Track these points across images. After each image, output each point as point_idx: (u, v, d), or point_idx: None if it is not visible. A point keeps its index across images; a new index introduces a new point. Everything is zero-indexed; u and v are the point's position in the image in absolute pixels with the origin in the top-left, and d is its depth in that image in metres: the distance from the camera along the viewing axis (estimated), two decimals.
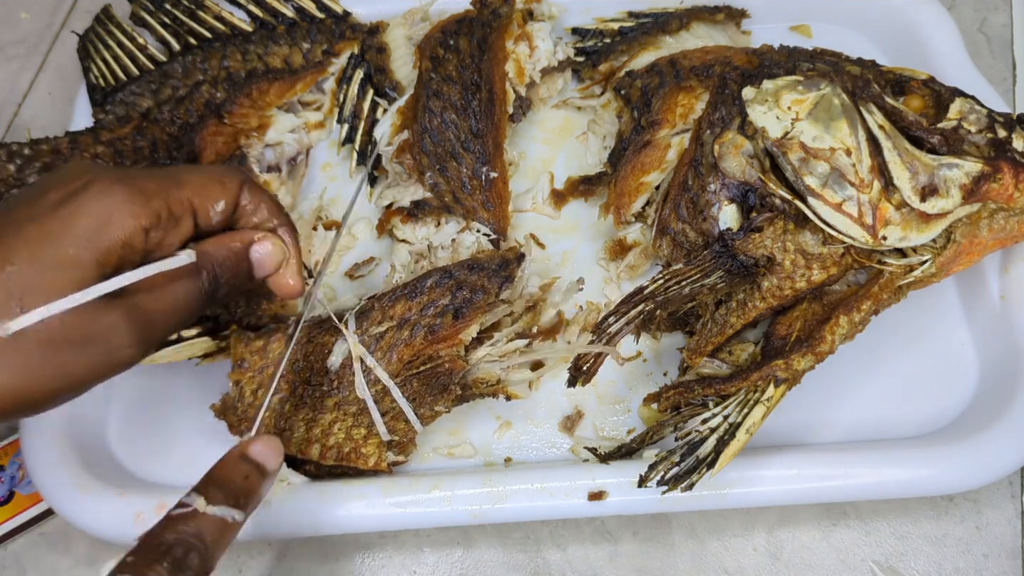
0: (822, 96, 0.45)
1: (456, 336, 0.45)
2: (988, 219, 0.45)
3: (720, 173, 0.46)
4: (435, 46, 0.57)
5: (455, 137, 0.53)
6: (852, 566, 0.47)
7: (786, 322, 0.46)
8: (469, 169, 0.53)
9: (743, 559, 0.47)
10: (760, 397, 0.43)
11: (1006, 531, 0.47)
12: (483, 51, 0.56)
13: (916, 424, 0.49)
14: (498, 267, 0.47)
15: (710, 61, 0.52)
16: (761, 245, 0.45)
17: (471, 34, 0.57)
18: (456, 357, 0.46)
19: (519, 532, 0.48)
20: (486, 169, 0.53)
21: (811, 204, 0.44)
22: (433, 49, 0.57)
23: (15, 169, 0.54)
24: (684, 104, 0.51)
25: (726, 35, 0.60)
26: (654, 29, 0.58)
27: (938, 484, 0.45)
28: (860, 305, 0.44)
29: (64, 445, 0.47)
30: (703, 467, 0.42)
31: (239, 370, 0.47)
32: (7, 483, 0.50)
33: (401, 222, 0.53)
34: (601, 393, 0.51)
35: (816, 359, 0.44)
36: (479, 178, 0.53)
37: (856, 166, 0.43)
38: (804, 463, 0.45)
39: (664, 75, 0.53)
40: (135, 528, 0.45)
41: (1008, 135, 0.45)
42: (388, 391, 0.45)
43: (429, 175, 0.53)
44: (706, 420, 0.44)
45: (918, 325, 0.51)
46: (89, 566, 0.49)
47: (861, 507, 0.48)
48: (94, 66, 0.60)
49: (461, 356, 0.46)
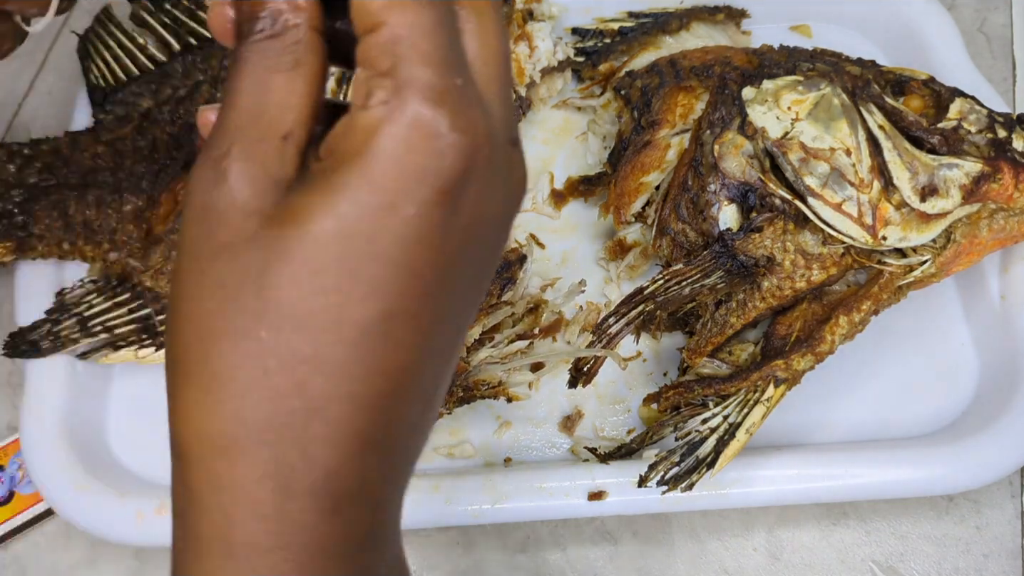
0: (822, 96, 0.45)
1: None
2: (988, 219, 0.45)
3: (720, 173, 0.46)
4: None
5: None
6: (852, 566, 0.47)
7: (786, 322, 0.46)
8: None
9: (743, 559, 0.47)
10: (760, 397, 0.43)
11: (1006, 531, 0.47)
12: None
13: (916, 424, 0.49)
14: (500, 269, 0.47)
15: (710, 61, 0.52)
16: (761, 245, 0.45)
17: None
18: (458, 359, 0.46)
19: (519, 532, 0.48)
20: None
21: (811, 204, 0.44)
22: None
23: (15, 169, 0.54)
24: (684, 104, 0.51)
25: (726, 35, 0.60)
26: (654, 29, 0.58)
27: (938, 484, 0.45)
28: (860, 305, 0.44)
29: (64, 445, 0.47)
30: (703, 467, 0.42)
31: None
32: (7, 483, 0.50)
33: None
34: (601, 393, 0.51)
35: (816, 359, 0.44)
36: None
37: (856, 166, 0.43)
38: (804, 463, 0.45)
39: (664, 75, 0.53)
40: (135, 528, 0.45)
41: (1008, 135, 0.45)
42: None
43: None
44: (706, 420, 0.44)
45: (918, 325, 0.51)
46: (89, 566, 0.49)
47: (861, 507, 0.48)
48: (94, 66, 0.60)
49: (463, 358, 0.46)
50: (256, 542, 0.22)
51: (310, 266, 0.21)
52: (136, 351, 0.48)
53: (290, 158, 0.22)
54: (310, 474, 0.22)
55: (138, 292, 0.50)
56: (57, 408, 0.48)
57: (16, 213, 0.49)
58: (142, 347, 0.48)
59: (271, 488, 0.21)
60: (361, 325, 0.21)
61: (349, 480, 0.22)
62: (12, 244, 0.49)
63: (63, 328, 0.49)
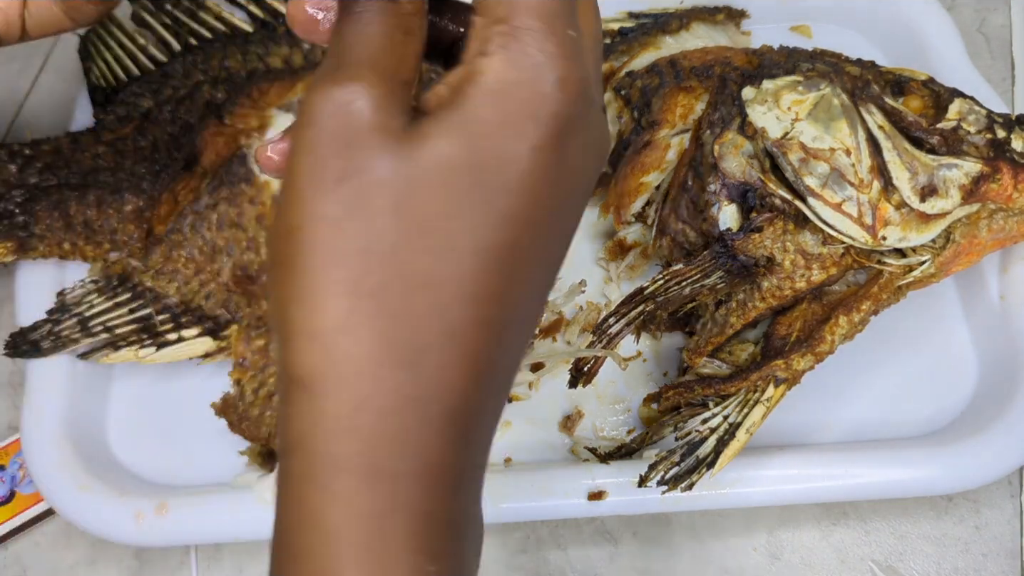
0: (822, 96, 0.45)
1: None
2: (987, 219, 0.45)
3: (720, 173, 0.46)
4: None
5: None
6: (852, 566, 0.47)
7: (786, 322, 0.46)
8: None
9: (743, 559, 0.47)
10: (760, 397, 0.43)
11: (1005, 531, 0.47)
12: None
13: (916, 424, 0.49)
14: None
15: (710, 61, 0.52)
16: (761, 245, 0.45)
17: None
18: None
19: (519, 532, 0.48)
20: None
21: (811, 204, 0.44)
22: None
23: (16, 169, 0.54)
24: (684, 104, 0.51)
25: (726, 35, 0.60)
26: (654, 29, 0.58)
27: (938, 484, 0.45)
28: (860, 305, 0.45)
29: (65, 445, 0.47)
30: (703, 467, 0.42)
31: (240, 368, 0.47)
32: (8, 483, 0.50)
33: None
34: (601, 393, 0.51)
35: (816, 359, 0.44)
36: None
37: (856, 166, 0.43)
38: (804, 463, 0.45)
39: (664, 75, 0.53)
40: (135, 528, 0.45)
41: (1007, 135, 0.45)
42: None
43: None
44: (706, 420, 0.44)
45: (918, 325, 0.51)
46: (89, 566, 0.49)
47: (861, 507, 0.48)
48: (95, 66, 0.60)
49: None
50: (395, 469, 0.22)
51: (447, 188, 0.22)
52: (136, 351, 0.48)
53: (409, 101, 0.23)
54: (442, 401, 0.22)
55: (139, 292, 0.50)
56: (58, 408, 0.48)
57: (17, 213, 0.49)
58: (142, 347, 0.48)
59: (411, 412, 0.22)
60: (491, 251, 0.22)
61: (471, 406, 0.23)
62: (13, 244, 0.49)
63: (64, 328, 0.49)
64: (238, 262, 0.51)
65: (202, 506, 0.45)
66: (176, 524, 0.45)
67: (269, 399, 0.46)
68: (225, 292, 0.50)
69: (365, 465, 0.22)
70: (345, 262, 0.22)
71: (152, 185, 0.50)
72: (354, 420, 0.22)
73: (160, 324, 0.49)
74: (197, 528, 0.45)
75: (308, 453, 0.22)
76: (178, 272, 0.50)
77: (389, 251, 0.22)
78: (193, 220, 0.51)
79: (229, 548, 0.49)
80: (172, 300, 0.50)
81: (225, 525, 0.45)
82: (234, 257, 0.51)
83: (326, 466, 0.22)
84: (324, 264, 0.22)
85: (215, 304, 0.50)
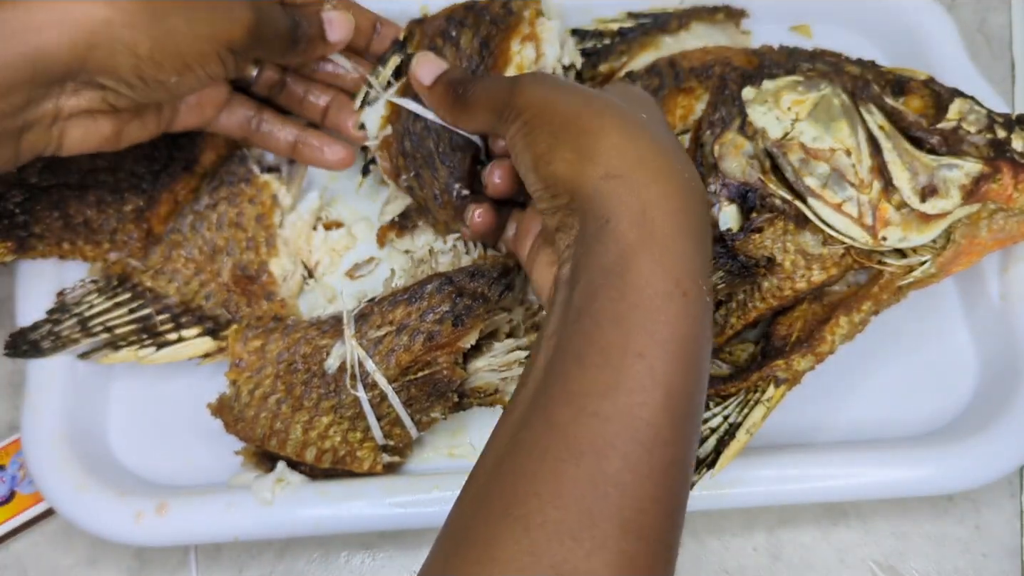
0: (822, 96, 0.45)
1: (455, 344, 0.45)
2: (987, 219, 0.45)
3: (720, 174, 0.46)
4: (436, 34, 0.52)
5: (434, 146, 0.50)
6: (852, 566, 0.47)
7: (786, 322, 0.46)
8: (441, 183, 0.49)
9: (743, 559, 0.47)
10: (760, 397, 0.43)
11: (1005, 531, 0.47)
12: (484, 55, 0.53)
13: (916, 424, 0.49)
14: (499, 274, 0.46)
15: (710, 62, 0.52)
16: (761, 246, 0.45)
17: (476, 29, 0.53)
18: (454, 365, 0.45)
19: None
20: (459, 186, 0.49)
21: (811, 204, 0.44)
22: (433, 37, 0.53)
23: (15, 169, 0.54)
24: (684, 105, 0.51)
25: (726, 35, 0.60)
26: (653, 29, 0.58)
27: (938, 484, 0.45)
28: (860, 305, 0.45)
29: (64, 445, 0.47)
30: (703, 467, 0.42)
31: (236, 369, 0.47)
32: (8, 483, 0.50)
33: (396, 236, 0.53)
34: None
35: (816, 359, 0.44)
36: (450, 193, 0.49)
37: (856, 166, 0.43)
38: (804, 463, 0.45)
39: (664, 77, 0.53)
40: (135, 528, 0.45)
41: (1008, 135, 0.45)
42: (385, 396, 0.45)
43: (404, 178, 0.51)
44: (706, 420, 0.44)
45: (918, 325, 0.51)
46: (89, 566, 0.49)
47: (861, 507, 0.48)
48: None
49: (460, 364, 0.46)
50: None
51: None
52: (136, 351, 0.48)
53: None
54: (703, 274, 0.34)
55: (138, 292, 0.50)
56: (57, 408, 0.48)
57: (16, 213, 0.49)
58: (142, 347, 0.48)
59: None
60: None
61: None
62: (12, 244, 0.49)
63: (64, 328, 0.49)
64: (238, 262, 0.51)
65: (202, 506, 0.45)
66: (176, 524, 0.45)
67: (264, 400, 0.46)
68: (225, 292, 0.50)
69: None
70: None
71: (152, 185, 0.50)
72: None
73: (160, 324, 0.49)
74: (197, 528, 0.45)
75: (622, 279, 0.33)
76: (178, 272, 0.50)
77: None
78: (193, 220, 0.51)
79: (229, 548, 0.49)
80: (172, 300, 0.50)
81: (225, 525, 0.45)
82: (234, 257, 0.51)
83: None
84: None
85: (215, 304, 0.50)
